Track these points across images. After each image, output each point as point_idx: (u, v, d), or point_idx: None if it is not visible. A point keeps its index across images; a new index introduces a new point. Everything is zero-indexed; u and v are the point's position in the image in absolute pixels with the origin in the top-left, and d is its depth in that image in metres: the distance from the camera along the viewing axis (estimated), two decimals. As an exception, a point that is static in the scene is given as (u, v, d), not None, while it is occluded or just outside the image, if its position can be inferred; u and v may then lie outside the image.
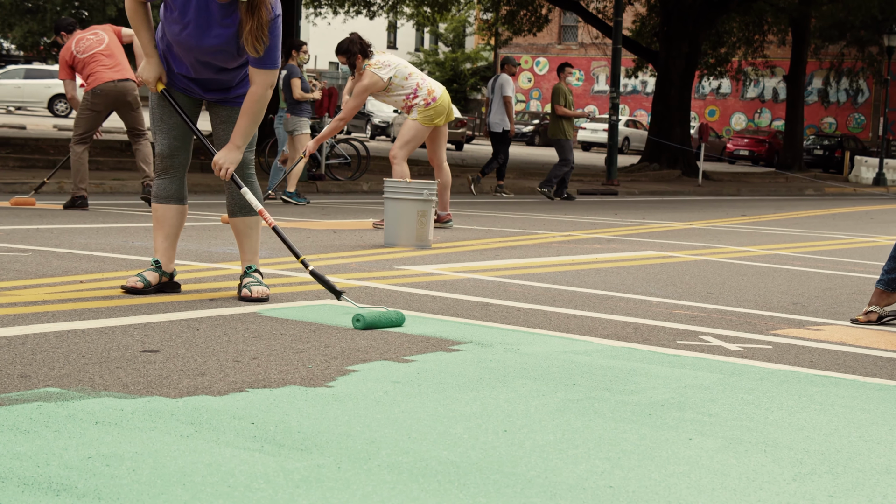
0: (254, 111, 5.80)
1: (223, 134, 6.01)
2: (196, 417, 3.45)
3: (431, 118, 10.75)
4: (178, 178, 6.04)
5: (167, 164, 6.01)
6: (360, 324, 5.23)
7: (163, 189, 6.03)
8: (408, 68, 10.76)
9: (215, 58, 5.78)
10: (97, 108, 11.29)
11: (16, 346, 4.38)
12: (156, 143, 6.02)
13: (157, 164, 6.03)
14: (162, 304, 5.64)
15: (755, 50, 38.97)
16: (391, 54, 10.91)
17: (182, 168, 6.05)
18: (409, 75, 10.69)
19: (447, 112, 10.86)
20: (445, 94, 10.88)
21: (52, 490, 2.69)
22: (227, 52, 5.77)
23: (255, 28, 5.60)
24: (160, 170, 6.02)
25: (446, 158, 11.20)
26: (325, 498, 2.76)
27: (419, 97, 10.66)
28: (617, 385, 4.28)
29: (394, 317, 5.36)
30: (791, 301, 7.14)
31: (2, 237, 8.28)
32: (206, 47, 5.73)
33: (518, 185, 20.77)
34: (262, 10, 5.59)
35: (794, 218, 16.76)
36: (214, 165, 5.80)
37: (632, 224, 13.57)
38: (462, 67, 68.76)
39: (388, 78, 10.57)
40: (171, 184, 6.03)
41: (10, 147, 20.19)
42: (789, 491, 3.04)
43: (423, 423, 3.54)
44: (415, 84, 10.68)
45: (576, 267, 8.41)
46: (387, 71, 10.59)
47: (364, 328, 5.21)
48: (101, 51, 11.34)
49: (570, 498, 2.86)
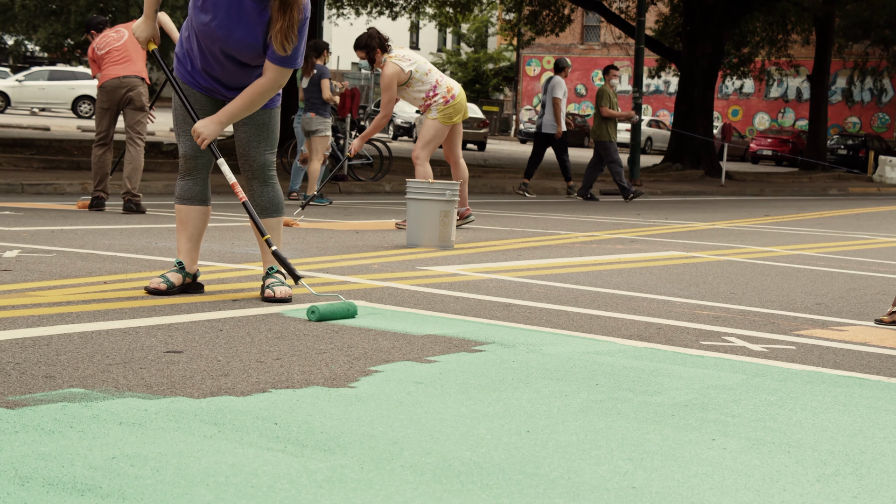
0: (252, 100, 5.78)
1: (244, 135, 6.00)
2: (219, 418, 3.46)
3: (451, 116, 10.74)
4: (202, 179, 6.05)
5: (190, 165, 6.02)
6: (314, 315, 5.36)
7: (186, 190, 6.04)
8: (427, 65, 10.78)
9: (241, 53, 5.77)
10: (104, 104, 11.25)
11: (40, 347, 4.40)
12: (179, 144, 6.03)
13: (180, 165, 6.04)
14: (185, 304, 5.65)
15: (779, 50, 38.83)
16: (411, 51, 10.93)
17: (205, 169, 6.07)
18: (429, 72, 10.71)
19: (465, 110, 10.89)
20: (462, 91, 10.91)
21: (76, 490, 2.70)
22: (253, 48, 5.75)
23: (286, 27, 5.61)
24: (184, 171, 6.04)
25: (462, 155, 11.20)
26: (348, 498, 2.76)
27: (438, 94, 10.67)
28: (640, 386, 4.27)
29: (347, 308, 5.48)
30: (815, 301, 7.11)
31: (27, 238, 8.32)
32: (234, 40, 5.72)
33: (540, 185, 20.75)
34: (294, 10, 5.59)
35: (817, 218, 16.70)
36: (193, 132, 5.80)
37: (654, 224, 13.55)
38: (484, 68, 68.76)
39: (409, 71, 10.58)
40: (195, 185, 6.04)
41: (34, 148, 20.28)
42: (813, 492, 3.03)
43: (445, 424, 3.54)
44: (434, 81, 10.69)
45: (598, 267, 8.40)
46: (407, 64, 10.62)
47: (318, 320, 5.35)
48: (116, 47, 11.32)
49: (592, 499, 2.86)
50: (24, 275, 6.42)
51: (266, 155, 6.03)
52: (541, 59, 64.69)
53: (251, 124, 5.99)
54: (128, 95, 11.27)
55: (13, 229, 8.96)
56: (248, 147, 6.00)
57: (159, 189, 14.74)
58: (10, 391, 3.66)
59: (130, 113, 11.37)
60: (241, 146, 6.02)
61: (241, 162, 6.07)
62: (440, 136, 10.83)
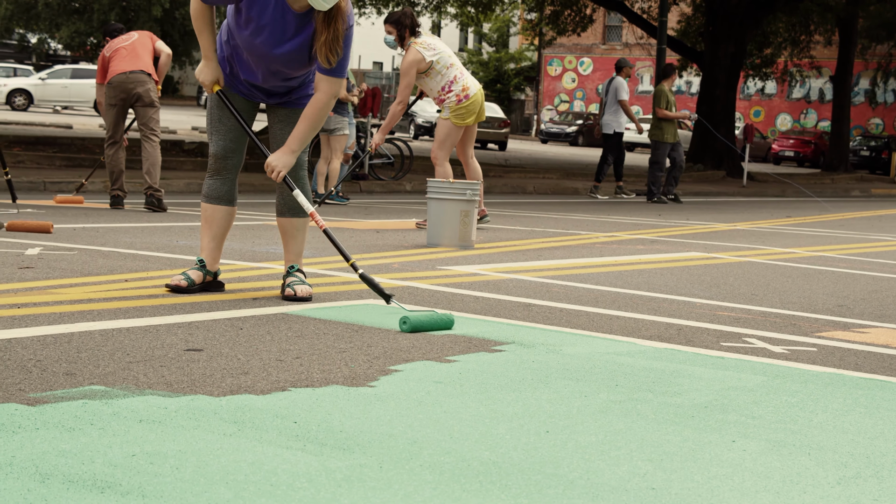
0: (315, 118, 5.78)
1: (280, 133, 5.99)
2: (239, 416, 3.46)
3: (463, 117, 10.61)
4: (231, 179, 6.05)
5: (220, 165, 6.02)
6: (406, 326, 5.16)
7: (214, 189, 6.04)
8: (451, 58, 10.63)
9: (287, 66, 5.77)
10: (111, 100, 11.27)
11: (61, 344, 4.41)
12: (210, 143, 6.03)
13: (210, 164, 6.04)
14: (206, 303, 5.66)
15: (801, 50, 38.70)
16: (439, 41, 10.77)
17: (235, 170, 6.06)
18: (451, 66, 10.58)
19: (478, 112, 10.72)
20: (480, 93, 10.74)
21: (96, 487, 2.71)
22: (298, 61, 5.75)
23: (331, 39, 5.58)
24: (213, 170, 6.04)
25: (474, 155, 11.06)
26: (366, 497, 2.76)
27: (452, 92, 10.54)
28: (660, 387, 4.26)
29: (442, 319, 5.29)
30: (836, 303, 7.09)
31: (48, 236, 8.35)
32: (278, 55, 5.70)
33: (561, 185, 20.73)
34: (338, 22, 5.56)
35: (839, 219, 16.64)
36: (267, 167, 5.80)
37: (675, 225, 13.52)
38: (506, 67, 68.73)
39: (430, 61, 10.46)
40: (223, 185, 6.04)
41: (56, 146, 20.35)
42: (833, 494, 3.02)
43: (465, 424, 3.54)
44: (452, 76, 10.56)
45: (619, 268, 8.39)
46: (431, 53, 10.49)
47: (410, 331, 5.15)
48: (123, 46, 11.37)
49: (612, 499, 2.86)
50: (45, 272, 6.45)
51: (300, 154, 6.02)
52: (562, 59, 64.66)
53: (288, 122, 5.97)
54: (136, 92, 11.26)
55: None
56: (282, 145, 5.98)
57: (180, 187, 14.77)
58: (32, 388, 3.67)
59: (141, 110, 11.38)
60: (276, 144, 6.01)
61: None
62: (454, 135, 10.71)
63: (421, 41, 10.51)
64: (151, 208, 11.25)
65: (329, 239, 5.84)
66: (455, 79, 10.56)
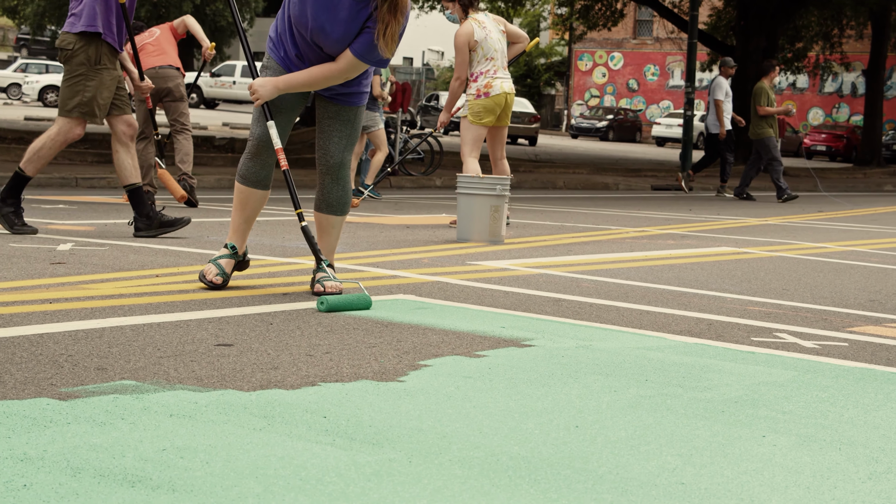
0: (316, 79, 5.76)
1: (327, 128, 5.96)
2: (269, 411, 3.47)
3: (479, 115, 10.26)
4: (269, 165, 6.02)
5: (262, 149, 5.96)
6: (323, 306, 5.40)
7: (253, 173, 6.01)
8: (493, 51, 10.27)
9: (333, 48, 5.73)
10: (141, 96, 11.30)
11: (93, 339, 4.44)
12: (254, 126, 5.98)
13: (251, 146, 5.97)
14: (236, 298, 5.68)
15: (833, 45, 38.50)
16: (496, 30, 10.40)
17: (274, 156, 6.03)
18: (490, 59, 10.27)
19: (499, 114, 10.35)
20: (504, 95, 10.31)
21: (127, 481, 2.73)
22: (342, 45, 5.72)
23: (394, 31, 5.57)
24: (253, 153, 5.98)
25: (505, 156, 10.72)
26: (395, 492, 2.77)
27: (476, 83, 10.24)
28: (690, 382, 4.25)
29: (360, 299, 5.51)
30: (868, 298, 7.05)
31: (80, 232, 8.39)
32: (330, 37, 5.68)
33: (591, 180, 20.70)
34: (399, 13, 5.54)
35: (871, 214, 16.55)
36: (250, 87, 5.88)
37: (706, 220, 13.48)
38: (536, 63, 68.65)
39: (477, 39, 10.18)
40: (262, 169, 6.01)
41: (88, 142, 20.43)
42: (864, 489, 3.00)
43: (494, 419, 3.54)
44: (486, 68, 10.25)
45: (649, 263, 8.37)
46: (481, 33, 10.20)
47: (328, 310, 5.38)
48: (148, 42, 11.43)
49: (641, 494, 2.85)
50: (77, 268, 6.48)
51: (345, 153, 6.01)
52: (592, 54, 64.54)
53: (337, 119, 5.95)
54: (166, 87, 11.35)
55: (67, 222, 9.04)
56: (328, 141, 5.97)
57: (211, 183, 14.82)
58: (63, 383, 3.69)
59: (171, 105, 11.47)
60: (323, 138, 5.99)
61: (318, 154, 6.02)
62: (472, 132, 10.33)
63: (479, 17, 10.26)
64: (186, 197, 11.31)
65: (286, 180, 6.01)
66: (485, 72, 10.28)
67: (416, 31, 46.42)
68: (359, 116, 6.04)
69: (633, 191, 20.52)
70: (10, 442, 2.99)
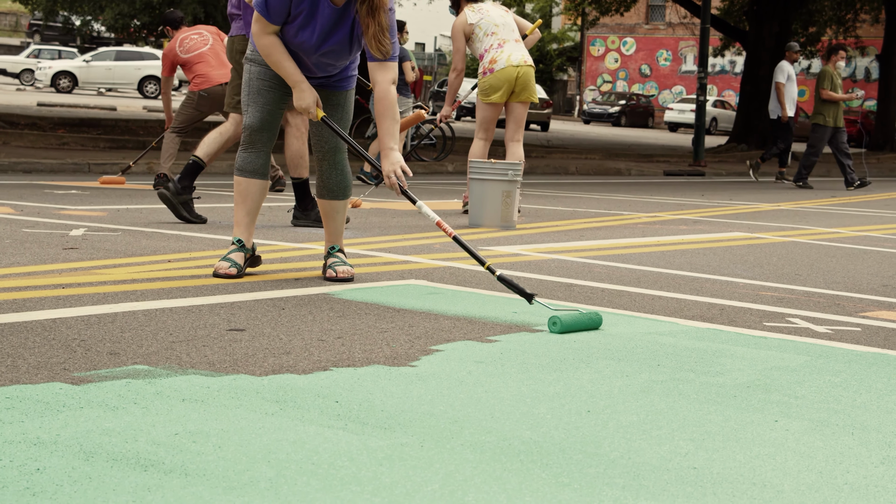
0: (390, 110, 5.70)
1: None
2: (281, 395, 3.48)
3: (487, 92, 9.93)
4: (265, 153, 6.02)
5: (255, 137, 5.97)
6: (556, 328, 4.80)
7: (249, 163, 6.00)
8: (493, 27, 9.94)
9: (330, 59, 5.76)
10: (202, 108, 11.19)
11: (105, 324, 4.45)
12: (246, 115, 5.96)
13: (244, 137, 5.97)
14: (248, 283, 5.69)
15: (847, 29, 38.34)
16: (494, 7, 10.16)
17: (269, 143, 6.01)
18: (491, 34, 9.93)
19: (505, 90, 9.89)
20: (513, 69, 9.85)
21: (139, 465, 2.73)
22: (341, 53, 5.75)
23: (378, 32, 5.56)
24: (247, 142, 5.98)
25: (520, 139, 10.19)
26: (407, 476, 2.77)
27: (481, 65, 9.97)
28: (702, 366, 4.25)
29: (591, 318, 4.94)
30: (881, 283, 7.03)
31: (92, 217, 8.41)
32: (323, 51, 5.70)
33: (603, 165, 20.67)
34: (380, 13, 5.54)
35: (884, 199, 16.50)
36: (387, 179, 5.64)
37: (719, 205, 13.45)
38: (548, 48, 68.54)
39: (472, 23, 9.91)
40: (258, 158, 6.01)
41: (101, 128, 20.49)
42: (877, 474, 3.00)
43: (506, 403, 3.54)
44: (488, 45, 9.93)
45: (661, 248, 8.35)
46: (476, 16, 9.97)
47: (561, 332, 4.80)
48: (206, 51, 11.33)
49: (653, 479, 2.85)
50: (89, 253, 6.49)
51: (336, 140, 6.00)
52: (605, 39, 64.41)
53: (328, 104, 5.94)
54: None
55: (80, 208, 9.05)
56: (321, 127, 5.97)
57: (224, 169, 14.83)
58: (76, 367, 3.70)
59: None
60: (315, 126, 5.99)
61: (313, 142, 6.04)
62: (481, 112, 10.08)
63: (473, 5, 10.04)
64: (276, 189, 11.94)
65: (461, 246, 5.53)
66: (489, 48, 9.92)
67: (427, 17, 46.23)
68: (349, 100, 6.03)
69: (646, 176, 20.49)
70: (24, 426, 3.00)
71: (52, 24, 58.58)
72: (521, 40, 10.12)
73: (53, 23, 53.46)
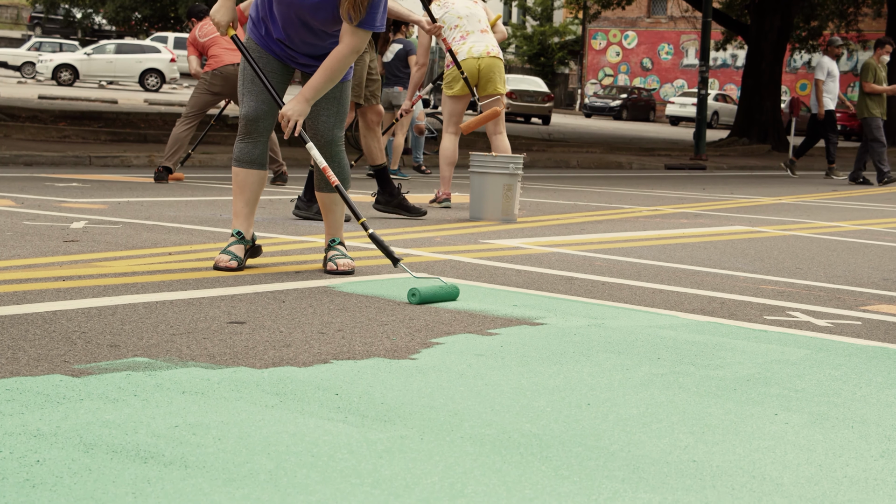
0: (333, 70, 5.66)
1: (317, 108, 5.86)
2: (281, 388, 3.48)
3: (450, 85, 9.79)
4: (262, 143, 5.99)
5: (251, 127, 5.94)
6: (415, 299, 5.12)
7: (246, 153, 5.97)
8: (458, 20, 9.79)
9: (315, 17, 5.69)
10: (214, 89, 11.48)
11: (106, 317, 4.45)
12: (241, 105, 5.93)
13: (241, 127, 5.94)
14: (248, 276, 5.69)
15: (849, 23, 38.30)
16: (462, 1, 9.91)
17: (266, 133, 5.98)
18: (454, 27, 9.80)
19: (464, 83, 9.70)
20: (474, 61, 9.70)
21: (139, 457, 2.73)
22: (326, 11, 5.66)
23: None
24: (244, 133, 5.95)
25: (503, 132, 9.98)
26: (407, 468, 2.77)
27: (447, 57, 9.82)
28: (702, 360, 4.25)
29: (448, 290, 5.27)
30: (882, 277, 7.03)
31: (93, 210, 8.41)
32: (308, 5, 5.66)
33: (605, 159, 20.66)
34: None
35: (886, 193, 16.50)
36: (281, 118, 5.67)
37: (720, 199, 13.45)
38: (550, 42, 68.47)
39: (437, 18, 9.65)
40: (255, 148, 5.97)
41: (102, 121, 20.48)
42: (877, 467, 3.00)
43: (506, 396, 3.54)
44: (451, 39, 9.76)
45: (662, 241, 8.35)
46: (440, 10, 9.78)
47: (419, 303, 5.12)
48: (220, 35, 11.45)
49: (653, 472, 2.85)
50: (90, 245, 6.49)
51: (335, 130, 5.97)
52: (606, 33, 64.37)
53: (324, 96, 5.93)
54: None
55: (81, 200, 9.06)
56: (316, 120, 5.94)
57: (224, 161, 14.83)
58: (76, 360, 3.71)
59: None
60: (311, 118, 5.93)
61: (309, 135, 5.96)
62: (447, 105, 9.93)
63: (439, 0, 9.85)
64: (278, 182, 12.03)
65: (342, 196, 5.79)
66: (452, 41, 9.76)
67: (429, 9, 46.22)
68: (345, 92, 5.99)
69: (647, 170, 20.48)
70: (24, 418, 3.00)
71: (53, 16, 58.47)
72: (488, 30, 9.94)
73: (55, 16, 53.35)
